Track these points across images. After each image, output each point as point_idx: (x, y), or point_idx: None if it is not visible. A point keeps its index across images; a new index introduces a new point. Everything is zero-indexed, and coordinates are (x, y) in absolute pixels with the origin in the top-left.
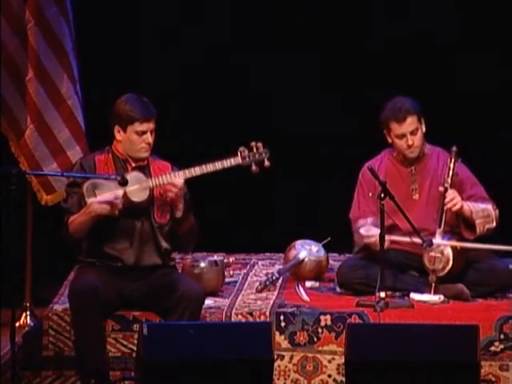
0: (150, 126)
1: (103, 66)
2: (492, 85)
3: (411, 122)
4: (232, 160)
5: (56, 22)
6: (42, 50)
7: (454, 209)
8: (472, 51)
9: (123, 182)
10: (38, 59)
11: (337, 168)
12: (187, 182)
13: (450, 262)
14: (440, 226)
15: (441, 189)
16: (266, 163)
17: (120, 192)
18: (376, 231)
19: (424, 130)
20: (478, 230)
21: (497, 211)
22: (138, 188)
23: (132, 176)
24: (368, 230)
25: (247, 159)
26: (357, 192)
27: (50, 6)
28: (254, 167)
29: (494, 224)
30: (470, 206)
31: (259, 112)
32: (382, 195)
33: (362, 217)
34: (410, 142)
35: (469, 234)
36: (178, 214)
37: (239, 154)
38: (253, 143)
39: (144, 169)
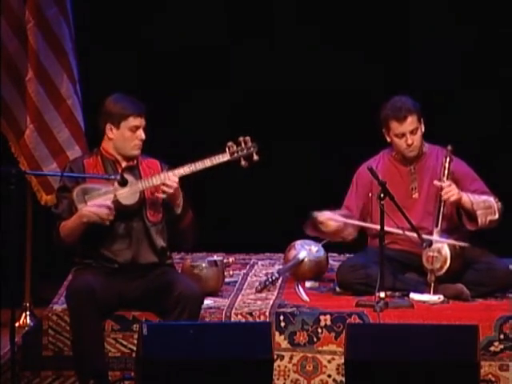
0: (143, 121)
1: (103, 66)
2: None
3: (411, 122)
4: (220, 156)
5: (56, 22)
6: (41, 50)
7: (452, 199)
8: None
9: (123, 182)
10: (37, 59)
11: (337, 168)
12: (181, 179)
13: (448, 262)
14: (437, 226)
15: (436, 183)
16: (255, 157)
17: (110, 197)
18: (330, 215)
19: (423, 129)
20: (479, 220)
21: (499, 204)
22: (128, 191)
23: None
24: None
25: (236, 154)
26: (348, 191)
27: (50, 7)
28: (243, 162)
29: (497, 216)
30: (470, 197)
31: (258, 112)
32: (382, 195)
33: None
34: (410, 142)
35: (471, 225)
36: (178, 210)
37: (227, 149)
38: (241, 138)
39: (133, 169)
